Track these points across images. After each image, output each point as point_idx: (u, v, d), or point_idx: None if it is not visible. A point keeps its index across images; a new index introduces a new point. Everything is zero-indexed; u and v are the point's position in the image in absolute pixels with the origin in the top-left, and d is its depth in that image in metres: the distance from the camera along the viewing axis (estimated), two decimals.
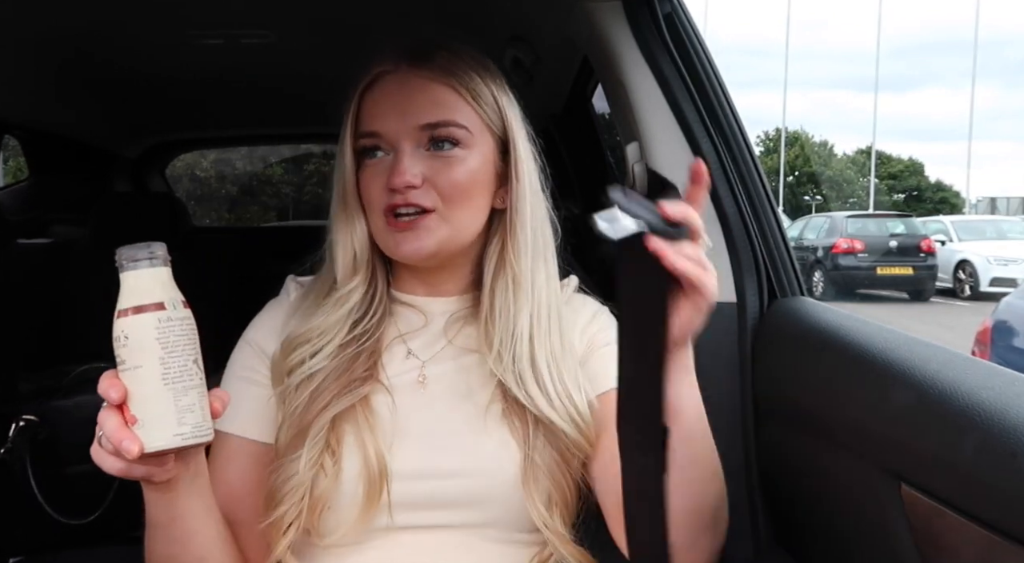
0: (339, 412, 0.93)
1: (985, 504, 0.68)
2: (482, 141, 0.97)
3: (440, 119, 0.94)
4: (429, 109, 0.94)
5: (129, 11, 1.55)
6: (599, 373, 0.98)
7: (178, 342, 0.74)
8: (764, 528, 1.10)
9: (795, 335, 1.07)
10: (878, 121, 51.67)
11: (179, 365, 0.74)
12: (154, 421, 0.74)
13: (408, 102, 0.94)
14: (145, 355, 0.74)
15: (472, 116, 0.96)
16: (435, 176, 0.94)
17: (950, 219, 16.09)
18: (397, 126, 0.94)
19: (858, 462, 0.86)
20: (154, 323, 0.74)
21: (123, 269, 0.75)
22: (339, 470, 0.92)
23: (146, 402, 0.74)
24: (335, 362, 0.96)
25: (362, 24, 1.65)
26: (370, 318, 0.99)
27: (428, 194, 0.94)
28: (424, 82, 0.95)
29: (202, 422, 0.76)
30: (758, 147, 34.54)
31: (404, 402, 0.97)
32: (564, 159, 2.28)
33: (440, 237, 0.95)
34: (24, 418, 1.80)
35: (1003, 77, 61.95)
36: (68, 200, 2.77)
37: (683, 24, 1.25)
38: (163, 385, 0.74)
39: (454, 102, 0.95)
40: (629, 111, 1.23)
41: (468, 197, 0.96)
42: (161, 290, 0.75)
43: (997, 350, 3.80)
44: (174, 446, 0.75)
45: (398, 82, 0.96)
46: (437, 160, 0.94)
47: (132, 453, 0.73)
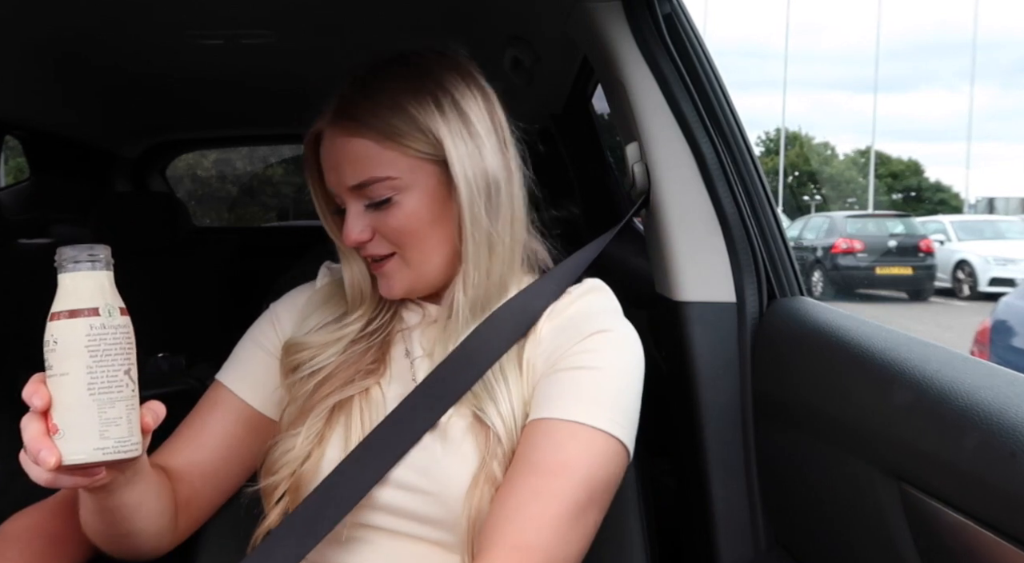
0: (340, 400, 0.96)
1: (985, 504, 0.68)
2: (418, 178, 0.93)
3: (363, 179, 0.92)
4: (350, 169, 0.93)
5: (129, 11, 1.55)
6: (547, 396, 0.91)
7: (109, 351, 0.71)
8: (764, 528, 1.10)
9: (795, 335, 1.07)
10: (873, 121, 51.66)
11: (107, 375, 0.70)
12: (75, 432, 0.70)
13: (337, 162, 0.94)
14: (72, 362, 0.70)
15: (398, 160, 0.92)
16: (380, 227, 0.94)
17: (949, 219, 16.07)
18: (337, 186, 0.95)
19: (858, 462, 0.86)
20: (86, 329, 0.70)
21: (61, 270, 0.71)
22: (323, 452, 0.94)
23: (69, 412, 0.70)
24: (344, 356, 0.98)
25: (362, 24, 1.65)
26: (381, 317, 1.02)
27: (381, 243, 0.95)
28: (344, 140, 0.93)
29: (128, 436, 0.71)
30: (758, 147, 34.53)
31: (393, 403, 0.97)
32: (564, 159, 2.28)
33: (406, 279, 0.96)
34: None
35: (999, 78, 62.00)
36: (68, 200, 2.77)
37: (683, 24, 1.25)
38: (88, 395, 0.70)
39: (375, 155, 0.92)
40: (629, 111, 1.23)
41: (418, 238, 0.94)
42: (99, 295, 0.71)
43: (996, 350, 3.80)
44: (94, 461, 0.70)
45: (329, 142, 0.95)
46: (378, 212, 0.94)
47: (48, 465, 0.70)
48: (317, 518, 0.91)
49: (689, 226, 1.17)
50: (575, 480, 0.86)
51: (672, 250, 1.17)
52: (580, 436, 0.87)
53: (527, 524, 0.84)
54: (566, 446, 0.87)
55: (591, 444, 0.88)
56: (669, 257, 1.17)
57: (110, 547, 0.93)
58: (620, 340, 0.95)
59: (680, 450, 1.21)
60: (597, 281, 1.03)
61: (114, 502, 0.83)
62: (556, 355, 0.93)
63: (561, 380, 0.91)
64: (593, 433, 0.88)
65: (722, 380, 1.13)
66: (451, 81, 0.95)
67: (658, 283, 1.24)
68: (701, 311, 1.15)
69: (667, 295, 1.19)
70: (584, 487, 0.86)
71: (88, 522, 0.88)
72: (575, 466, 0.86)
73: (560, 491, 0.85)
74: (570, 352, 0.93)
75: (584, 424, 0.88)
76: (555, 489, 0.85)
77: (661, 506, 1.16)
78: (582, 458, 0.87)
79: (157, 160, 3.24)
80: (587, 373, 0.91)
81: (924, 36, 62.91)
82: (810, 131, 47.56)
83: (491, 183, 0.94)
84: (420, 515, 0.92)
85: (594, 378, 0.91)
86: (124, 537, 0.89)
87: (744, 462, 1.11)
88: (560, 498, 0.85)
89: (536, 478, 0.86)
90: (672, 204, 1.18)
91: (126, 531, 0.88)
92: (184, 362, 2.06)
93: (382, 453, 0.92)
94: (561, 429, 0.88)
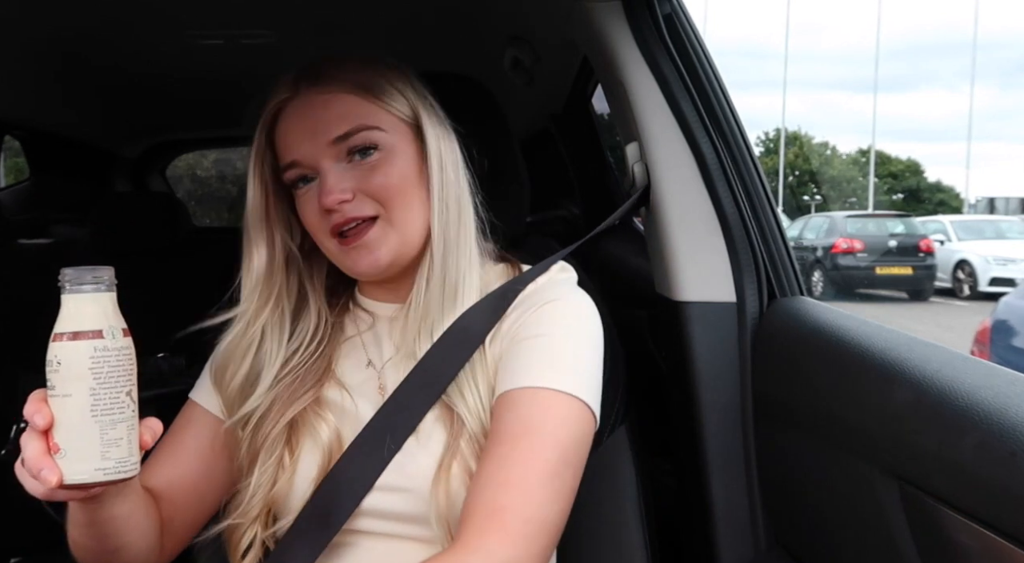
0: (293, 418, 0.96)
1: (985, 504, 0.68)
2: (399, 137, 0.95)
3: (349, 128, 0.93)
4: (335, 122, 0.93)
5: (129, 11, 1.55)
6: (506, 372, 0.93)
7: (112, 373, 0.72)
8: (764, 528, 1.10)
9: (795, 335, 1.07)
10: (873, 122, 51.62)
11: (110, 397, 0.71)
12: (77, 453, 0.71)
13: (315, 121, 0.93)
14: (76, 384, 0.71)
15: (380, 114, 0.94)
16: (364, 184, 0.93)
17: (949, 219, 16.08)
18: (312, 148, 0.93)
19: (858, 462, 0.86)
20: (89, 352, 0.71)
21: (65, 291, 0.72)
22: (295, 467, 0.94)
23: (71, 432, 0.71)
24: (271, 395, 0.97)
25: (362, 24, 1.65)
26: (305, 348, 1.00)
27: (364, 203, 0.93)
28: (324, 97, 0.94)
29: (128, 457, 0.73)
30: (758, 147, 34.53)
31: (364, 407, 0.97)
32: (564, 159, 2.28)
33: (392, 245, 0.94)
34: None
35: (999, 78, 62.06)
36: (68, 200, 2.76)
37: (683, 25, 1.25)
38: (91, 417, 0.71)
39: (358, 107, 0.94)
40: (629, 111, 1.23)
41: (403, 193, 0.94)
42: (102, 317, 0.72)
43: (996, 350, 3.80)
44: (95, 481, 0.72)
45: (300, 106, 0.95)
46: (361, 168, 0.93)
47: (50, 484, 0.71)
48: (323, 523, 0.91)
49: (689, 226, 1.17)
50: (541, 442, 0.87)
51: (672, 250, 1.17)
52: (540, 399, 0.89)
53: (498, 489, 0.85)
54: (528, 411, 0.89)
55: (552, 406, 0.89)
56: (669, 257, 1.17)
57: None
58: (568, 306, 0.97)
59: (680, 450, 1.21)
60: (563, 263, 1.04)
61: (104, 515, 0.83)
62: (511, 333, 0.95)
63: (516, 352, 0.93)
64: (552, 395, 0.89)
65: (722, 380, 1.12)
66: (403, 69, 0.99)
67: (658, 283, 1.24)
68: (701, 311, 1.15)
69: (667, 295, 1.19)
70: (552, 448, 0.87)
71: (77, 538, 0.88)
72: (539, 429, 0.87)
73: (528, 454, 0.86)
74: (523, 325, 0.95)
75: (542, 387, 0.89)
76: (523, 452, 0.86)
77: (661, 506, 1.16)
78: (545, 420, 0.88)
79: (157, 160, 3.24)
80: (538, 340, 0.93)
81: (924, 36, 62.97)
82: (810, 131, 47.58)
83: (456, 160, 0.97)
84: (399, 513, 0.93)
85: (546, 343, 0.93)
86: (113, 554, 0.89)
87: (744, 462, 1.11)
88: (529, 460, 0.86)
89: (503, 446, 0.87)
90: (672, 204, 1.17)
91: (115, 546, 0.88)
92: (184, 362, 2.06)
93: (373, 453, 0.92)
94: (521, 397, 0.90)
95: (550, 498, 0.86)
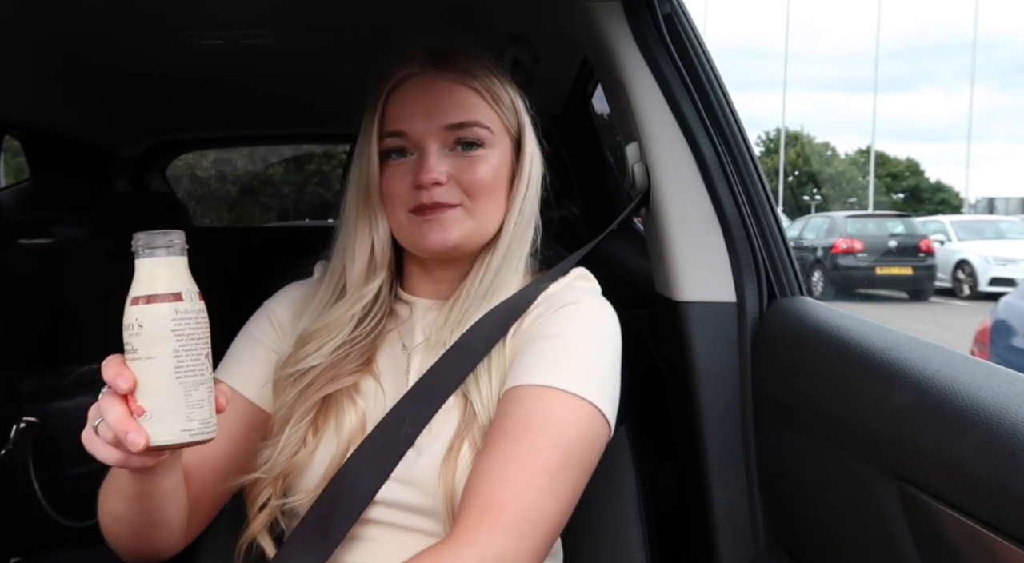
0: (328, 396, 0.97)
1: (985, 504, 0.68)
2: (502, 141, 1.01)
3: (465, 119, 0.98)
4: (454, 110, 0.98)
5: (129, 11, 1.55)
6: (518, 367, 0.94)
7: (193, 335, 0.72)
8: (764, 528, 1.10)
9: (795, 335, 1.07)
10: (873, 122, 51.64)
11: (192, 359, 0.72)
12: (163, 415, 0.71)
13: (433, 103, 0.97)
14: (159, 346, 0.71)
15: (493, 117, 1.00)
16: (460, 174, 0.97)
17: (949, 219, 16.07)
18: (423, 126, 0.97)
19: (858, 462, 0.86)
20: (171, 314, 0.72)
21: (140, 255, 0.73)
22: (317, 444, 0.96)
23: (156, 394, 0.71)
24: (329, 359, 0.99)
25: (362, 24, 1.65)
26: (370, 320, 1.02)
27: (453, 191, 0.97)
28: (449, 84, 0.99)
29: (209, 418, 0.73)
30: (758, 147, 34.53)
31: (391, 394, 0.99)
32: (564, 159, 2.28)
33: (465, 229, 0.98)
34: (25, 419, 1.80)
35: (997, 78, 62.08)
36: (68, 200, 2.76)
37: (683, 24, 1.25)
38: (175, 378, 0.71)
39: (477, 104, 0.99)
40: (629, 111, 1.23)
41: (491, 193, 0.99)
42: (179, 280, 0.73)
43: (996, 350, 3.80)
44: (181, 442, 0.72)
45: (423, 84, 0.99)
46: (462, 159, 0.98)
47: (138, 446, 0.71)
48: (333, 517, 0.92)
49: (689, 226, 1.17)
50: (544, 441, 0.87)
51: (672, 250, 1.17)
52: (547, 398, 0.90)
53: (496, 485, 0.85)
54: (534, 410, 0.89)
55: (558, 406, 0.90)
56: (669, 257, 1.17)
57: (134, 543, 0.92)
58: (587, 310, 0.99)
59: (680, 450, 1.21)
60: (582, 269, 1.07)
61: (155, 485, 0.84)
62: (531, 329, 0.97)
63: (530, 350, 0.95)
64: (560, 395, 0.90)
65: (722, 380, 1.12)
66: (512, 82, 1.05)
67: (658, 283, 1.24)
68: (701, 311, 1.15)
69: (667, 295, 1.19)
70: (554, 448, 0.87)
71: (121, 513, 0.88)
72: (543, 428, 0.88)
73: (529, 451, 0.87)
74: (542, 324, 0.97)
75: (550, 387, 0.90)
76: (524, 449, 0.87)
77: (661, 506, 1.16)
78: (550, 420, 0.89)
79: (157, 160, 3.24)
80: (552, 340, 0.94)
81: (923, 36, 62.97)
82: (810, 131, 47.58)
83: (539, 175, 1.04)
84: (407, 504, 0.93)
85: (559, 344, 0.94)
86: (153, 527, 0.90)
87: (744, 462, 1.11)
88: (530, 458, 0.86)
89: (506, 441, 0.88)
90: (672, 204, 1.18)
91: (156, 520, 0.89)
92: None
93: (388, 447, 0.93)
94: (529, 394, 0.90)
95: (548, 497, 0.86)
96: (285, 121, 2.83)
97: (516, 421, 0.89)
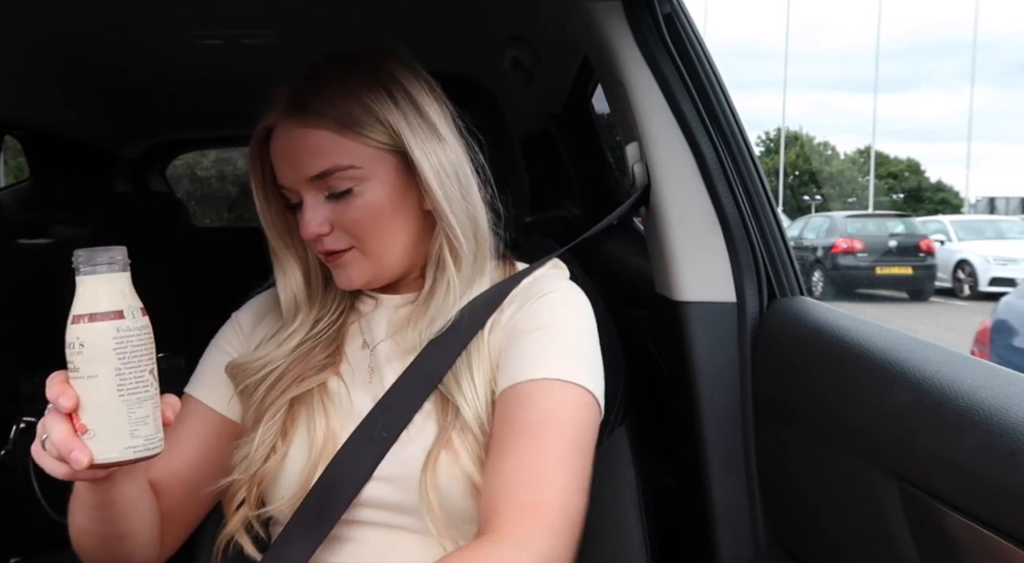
0: (297, 396, 0.97)
1: (985, 504, 0.68)
2: (378, 168, 0.94)
3: (324, 168, 0.93)
4: (312, 160, 0.93)
5: (129, 11, 1.55)
6: (511, 364, 0.94)
7: (135, 352, 0.72)
8: (764, 528, 1.10)
9: (795, 335, 1.07)
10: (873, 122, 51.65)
11: (135, 376, 0.72)
12: (106, 433, 0.71)
13: (295, 154, 0.94)
14: (101, 365, 0.71)
15: (358, 149, 0.93)
16: (339, 219, 0.95)
17: (949, 219, 16.07)
18: (293, 179, 0.95)
19: (858, 462, 0.86)
20: (112, 332, 0.71)
21: (80, 273, 0.72)
22: (287, 450, 0.95)
23: (99, 412, 0.71)
24: (293, 355, 0.99)
25: (362, 24, 1.65)
26: (330, 316, 1.03)
27: (340, 237, 0.96)
28: (303, 131, 0.93)
29: (154, 434, 0.73)
30: (758, 147, 34.53)
31: (357, 396, 0.99)
32: (564, 159, 2.28)
33: (364, 269, 0.97)
34: (25, 419, 1.80)
35: (996, 78, 62.11)
36: (68, 200, 2.77)
37: (683, 24, 1.25)
38: (118, 396, 0.71)
39: (335, 144, 0.93)
40: (629, 111, 1.23)
41: (377, 228, 0.95)
42: (120, 298, 0.72)
43: (996, 350, 3.80)
44: (125, 459, 0.72)
45: (284, 134, 0.95)
46: (338, 204, 0.95)
47: (81, 464, 0.71)
48: (321, 515, 0.92)
49: (689, 226, 1.17)
50: (559, 433, 0.88)
51: (672, 250, 1.17)
52: (552, 391, 0.90)
53: (530, 481, 0.86)
54: (542, 403, 0.90)
55: (564, 396, 0.90)
56: (669, 257, 1.17)
57: (104, 556, 0.92)
58: (566, 297, 0.99)
59: (680, 450, 1.21)
60: (555, 260, 1.07)
61: (115, 494, 0.83)
62: (511, 325, 0.97)
63: (521, 344, 0.95)
64: (562, 385, 0.91)
65: (722, 380, 1.12)
66: (399, 73, 0.97)
67: (658, 283, 1.24)
68: (701, 311, 1.15)
69: (667, 295, 1.19)
70: (570, 439, 0.89)
71: (85, 523, 0.88)
72: (555, 420, 0.89)
73: (550, 445, 0.87)
74: (524, 317, 0.97)
75: (552, 379, 0.90)
76: (543, 445, 0.87)
77: (661, 506, 1.16)
78: (557, 412, 0.89)
79: (157, 160, 3.24)
80: (542, 332, 0.94)
81: (922, 36, 62.97)
82: (810, 131, 47.58)
83: (456, 167, 0.96)
84: (392, 503, 0.93)
85: (550, 335, 0.94)
86: (120, 540, 0.89)
87: (744, 462, 1.11)
88: (552, 451, 0.87)
89: (521, 438, 0.88)
90: (672, 204, 1.17)
91: (122, 532, 0.88)
92: (183, 363, 2.06)
93: (369, 445, 0.93)
94: (534, 389, 0.91)
95: (574, 489, 0.87)
96: None
97: (527, 418, 0.89)
